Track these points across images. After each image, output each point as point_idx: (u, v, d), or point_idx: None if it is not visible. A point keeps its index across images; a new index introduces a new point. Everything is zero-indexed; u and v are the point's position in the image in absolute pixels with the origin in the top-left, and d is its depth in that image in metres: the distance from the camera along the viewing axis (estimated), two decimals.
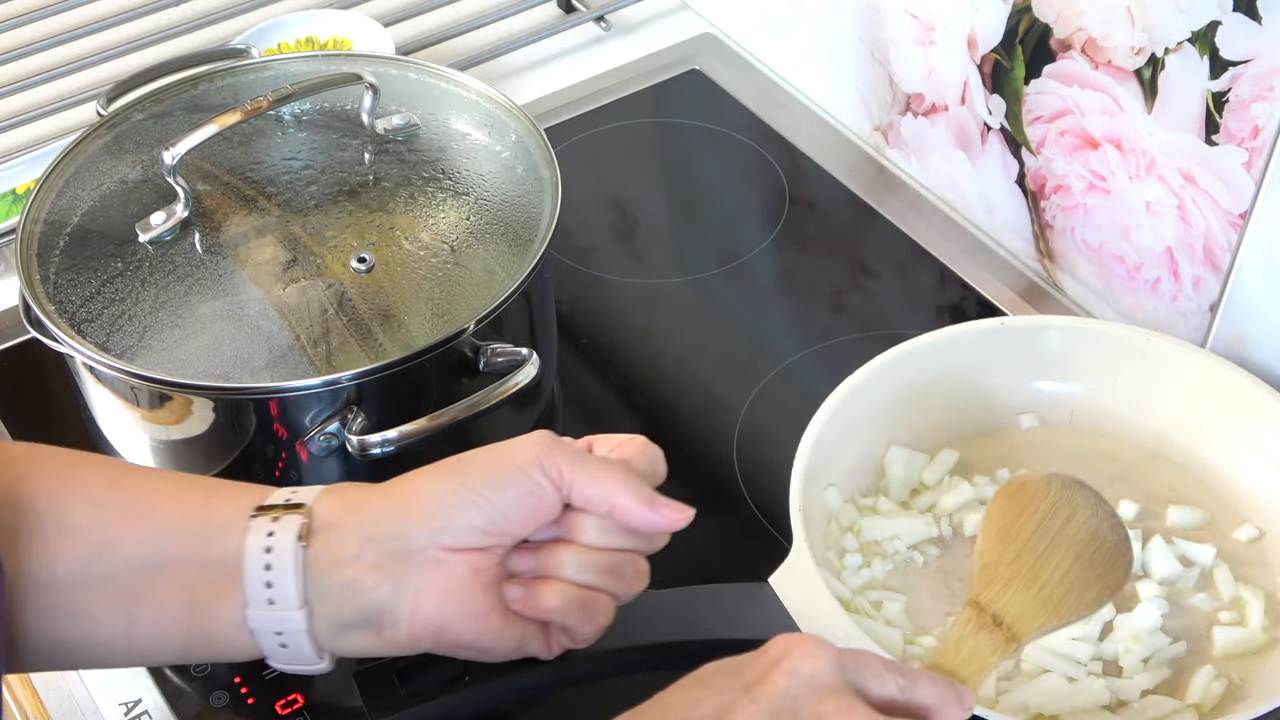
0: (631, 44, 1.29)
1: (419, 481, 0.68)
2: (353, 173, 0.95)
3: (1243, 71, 0.86)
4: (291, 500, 0.67)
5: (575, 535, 0.69)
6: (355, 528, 0.66)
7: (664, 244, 1.14)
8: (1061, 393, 0.93)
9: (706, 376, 1.03)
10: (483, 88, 0.98)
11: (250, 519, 0.66)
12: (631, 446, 0.71)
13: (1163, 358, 0.91)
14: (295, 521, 0.65)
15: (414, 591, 0.65)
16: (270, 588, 0.65)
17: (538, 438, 0.68)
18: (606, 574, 0.69)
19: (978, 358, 0.93)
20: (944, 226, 1.12)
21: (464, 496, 0.66)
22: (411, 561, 0.65)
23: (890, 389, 0.90)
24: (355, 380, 0.82)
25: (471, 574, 0.66)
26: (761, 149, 1.19)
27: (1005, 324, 0.97)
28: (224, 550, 0.66)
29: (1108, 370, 0.92)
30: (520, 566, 0.69)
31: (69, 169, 0.93)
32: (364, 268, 0.88)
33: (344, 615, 0.66)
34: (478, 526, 0.66)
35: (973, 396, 0.93)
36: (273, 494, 0.68)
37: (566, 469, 0.67)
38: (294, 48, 1.20)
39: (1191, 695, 0.80)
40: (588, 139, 1.20)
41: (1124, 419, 0.92)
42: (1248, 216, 0.90)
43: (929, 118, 1.11)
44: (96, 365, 0.83)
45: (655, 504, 0.68)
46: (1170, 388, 0.91)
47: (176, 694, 0.84)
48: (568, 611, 0.68)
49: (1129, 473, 0.90)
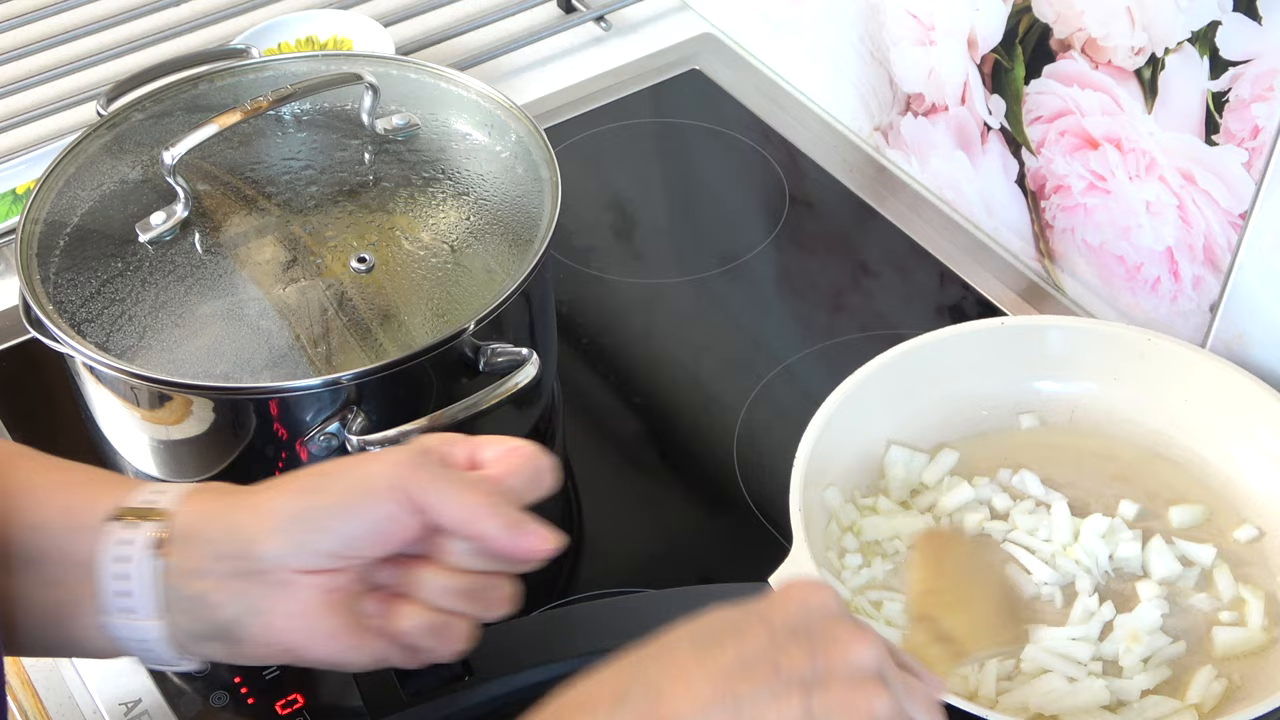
0: (631, 44, 1.29)
1: (277, 496, 0.65)
2: (353, 173, 0.95)
3: (1243, 71, 0.86)
4: (155, 504, 0.65)
5: (439, 555, 0.66)
6: (209, 541, 0.64)
7: (664, 244, 1.14)
8: (1061, 393, 0.93)
9: (707, 376, 1.03)
10: (483, 88, 0.98)
11: (106, 522, 0.64)
12: (517, 457, 0.68)
13: (1163, 358, 0.91)
14: (152, 530, 0.64)
15: (261, 612, 0.64)
16: (127, 597, 0.64)
17: (402, 457, 0.65)
18: (468, 598, 0.67)
19: (978, 358, 0.93)
20: (944, 226, 1.12)
21: (314, 521, 0.64)
22: (260, 581, 0.64)
23: (890, 389, 0.90)
24: (355, 380, 0.82)
25: (321, 596, 0.64)
26: (761, 149, 1.19)
27: (1005, 324, 0.97)
28: (81, 554, 0.64)
29: (1108, 370, 0.92)
30: (383, 579, 0.67)
31: (69, 169, 0.93)
32: (364, 268, 0.88)
33: (196, 627, 0.65)
34: (327, 551, 0.64)
35: (973, 396, 0.93)
36: (136, 490, 0.66)
37: (426, 493, 0.64)
38: (294, 48, 1.20)
39: (1191, 695, 0.80)
40: (588, 139, 1.20)
41: (1124, 419, 0.92)
42: (1248, 216, 0.90)
43: (929, 118, 1.11)
44: (96, 365, 0.83)
45: (519, 530, 0.65)
46: (1170, 388, 0.91)
47: (177, 694, 0.84)
48: (423, 635, 0.66)
49: (1129, 473, 0.90)
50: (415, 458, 0.65)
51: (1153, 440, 0.91)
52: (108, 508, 0.65)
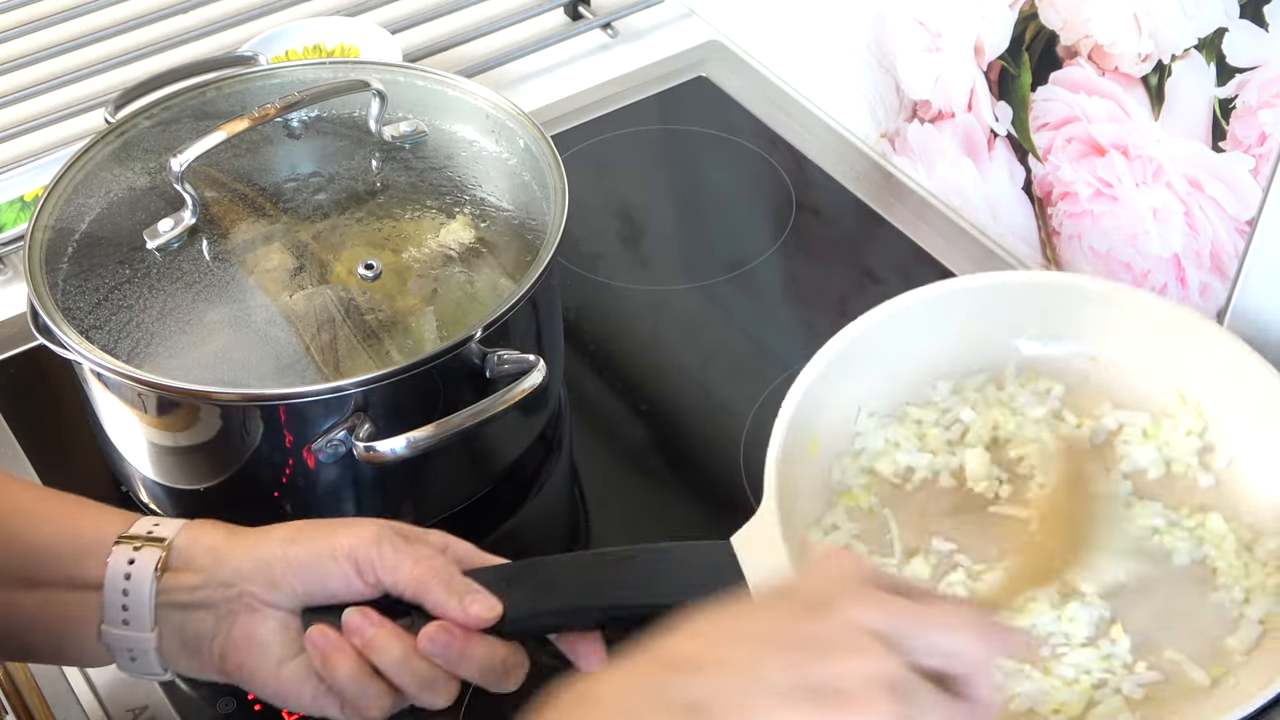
0: (638, 51, 1.29)
1: (262, 541, 0.73)
2: (360, 180, 0.95)
3: (1250, 78, 0.86)
4: (154, 533, 0.73)
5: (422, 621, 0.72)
6: (201, 569, 0.72)
7: (671, 250, 1.14)
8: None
9: (713, 383, 1.03)
10: (490, 95, 0.98)
11: (114, 545, 0.72)
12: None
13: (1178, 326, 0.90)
14: (154, 554, 0.72)
15: (227, 629, 0.72)
16: (126, 610, 0.72)
17: (366, 530, 0.72)
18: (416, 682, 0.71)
19: (978, 313, 0.92)
20: (951, 233, 1.12)
21: (282, 570, 0.71)
22: (233, 603, 0.72)
23: (882, 347, 0.90)
24: (362, 387, 0.82)
25: (278, 627, 0.72)
26: (768, 156, 1.19)
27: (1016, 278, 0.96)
28: (87, 574, 0.72)
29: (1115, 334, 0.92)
30: (348, 623, 0.72)
31: (77, 176, 0.93)
32: (371, 275, 0.88)
33: (176, 640, 0.73)
34: (289, 594, 0.72)
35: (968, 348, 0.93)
36: (137, 523, 0.74)
37: (375, 567, 0.71)
38: (302, 55, 1.20)
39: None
40: (595, 146, 1.20)
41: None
42: (1255, 223, 0.90)
43: (936, 125, 1.11)
44: (104, 371, 0.83)
45: (463, 598, 0.71)
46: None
47: (184, 701, 0.84)
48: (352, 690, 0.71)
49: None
50: (377, 532, 0.72)
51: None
52: (113, 534, 0.73)
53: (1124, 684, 0.80)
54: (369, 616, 0.71)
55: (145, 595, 0.71)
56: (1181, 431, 0.89)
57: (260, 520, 0.89)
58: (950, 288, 0.93)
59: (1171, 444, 0.89)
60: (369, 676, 0.70)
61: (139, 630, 0.72)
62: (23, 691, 0.88)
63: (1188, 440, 0.89)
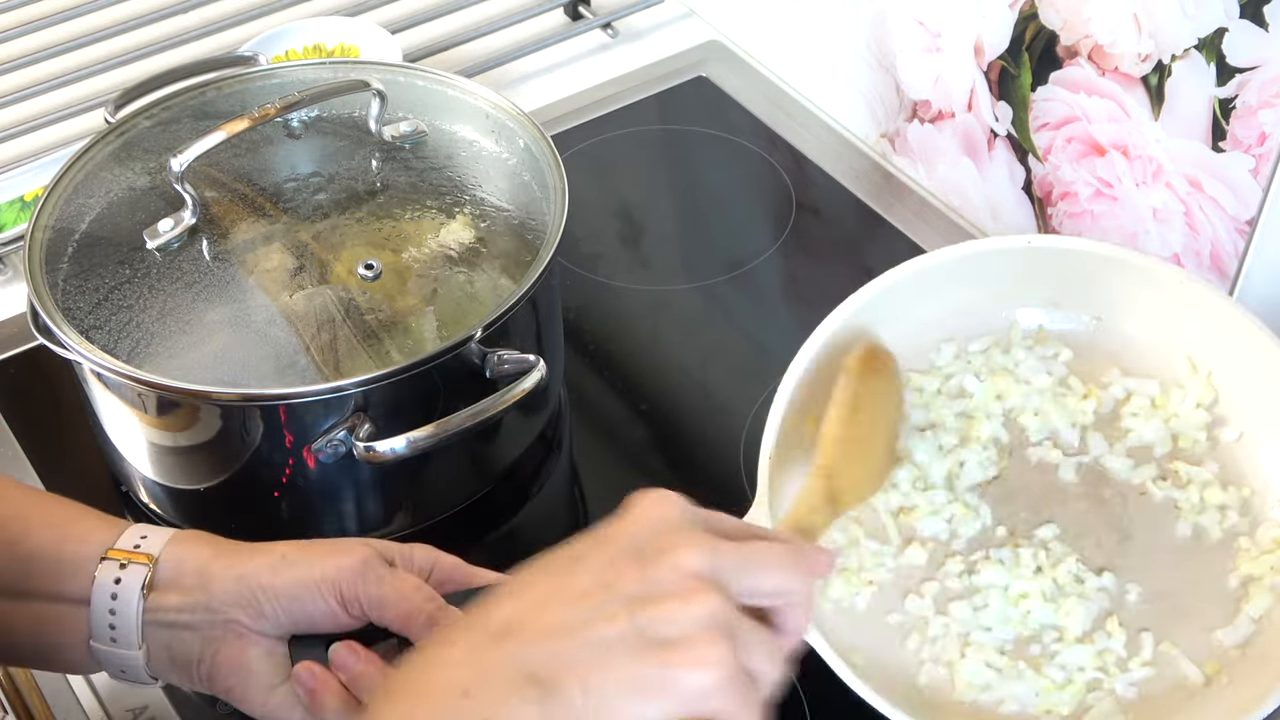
0: (638, 51, 1.29)
1: (247, 563, 0.72)
2: (360, 180, 0.95)
3: (1250, 78, 0.86)
4: (141, 547, 0.72)
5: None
6: (187, 590, 0.72)
7: (671, 250, 1.14)
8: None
9: (713, 383, 1.03)
10: (490, 95, 0.98)
11: (100, 561, 0.72)
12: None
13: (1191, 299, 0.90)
14: (141, 572, 0.71)
15: (213, 653, 0.72)
16: (113, 629, 0.71)
17: (351, 561, 0.71)
18: None
19: (984, 280, 0.92)
20: (951, 233, 1.12)
21: (267, 601, 0.71)
22: (219, 628, 0.71)
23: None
24: (362, 387, 0.82)
25: (264, 654, 0.72)
26: (768, 156, 1.19)
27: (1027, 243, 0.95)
28: (74, 590, 0.72)
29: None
30: (334, 658, 0.72)
31: (77, 176, 0.93)
32: (371, 275, 0.88)
33: (164, 657, 0.72)
34: (274, 624, 0.71)
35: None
36: (124, 534, 0.73)
37: (359, 599, 0.71)
38: (301, 55, 1.20)
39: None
40: (595, 146, 1.20)
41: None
42: (1255, 223, 0.90)
43: (936, 125, 1.11)
44: (104, 371, 0.83)
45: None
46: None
47: (184, 701, 0.84)
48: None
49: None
50: (361, 562, 0.71)
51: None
52: (98, 547, 0.72)
53: (1117, 684, 0.80)
54: (356, 653, 0.71)
55: (132, 614, 0.71)
56: (1191, 403, 0.88)
57: (260, 520, 0.89)
58: (960, 252, 0.91)
59: (1180, 416, 0.88)
60: (356, 709, 0.70)
61: (127, 648, 0.72)
62: (23, 692, 0.88)
63: (1196, 413, 0.88)
